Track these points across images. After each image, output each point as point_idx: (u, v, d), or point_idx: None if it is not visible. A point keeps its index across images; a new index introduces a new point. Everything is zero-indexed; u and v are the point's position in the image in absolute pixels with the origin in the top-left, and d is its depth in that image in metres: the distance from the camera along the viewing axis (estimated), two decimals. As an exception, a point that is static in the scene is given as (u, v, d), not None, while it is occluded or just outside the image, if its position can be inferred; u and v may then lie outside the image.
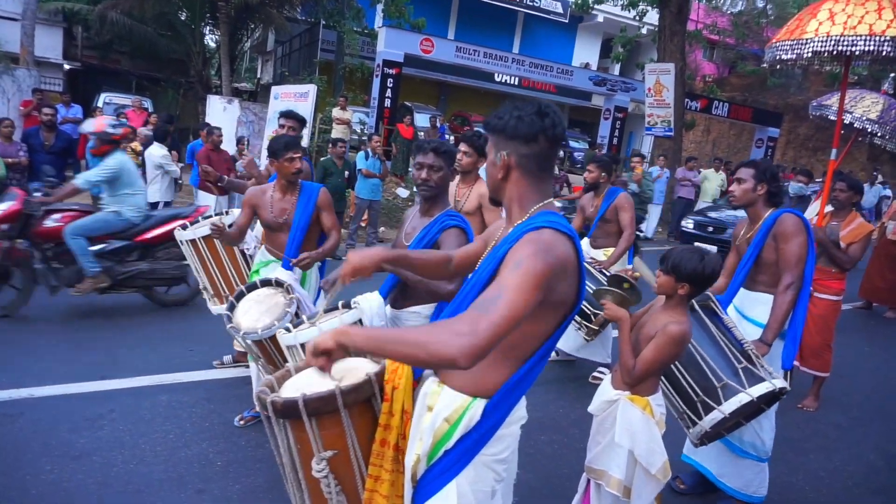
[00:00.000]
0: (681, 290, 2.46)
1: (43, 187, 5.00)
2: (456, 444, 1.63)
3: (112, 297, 5.76)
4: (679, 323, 2.42)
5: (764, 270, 3.20)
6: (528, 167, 1.65)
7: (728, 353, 2.72)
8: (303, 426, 1.68)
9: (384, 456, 1.75)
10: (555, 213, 1.65)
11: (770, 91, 23.53)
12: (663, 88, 14.06)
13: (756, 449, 3.15)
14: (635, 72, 20.82)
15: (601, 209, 4.90)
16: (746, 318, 3.28)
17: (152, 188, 7.48)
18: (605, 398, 2.56)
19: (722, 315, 2.87)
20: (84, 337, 4.82)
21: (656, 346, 2.40)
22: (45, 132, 6.95)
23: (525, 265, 1.46)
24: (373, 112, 14.88)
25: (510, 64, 17.47)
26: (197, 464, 3.26)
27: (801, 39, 4.17)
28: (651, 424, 2.44)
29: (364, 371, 1.80)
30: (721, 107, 18.89)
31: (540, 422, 4.05)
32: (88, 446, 3.31)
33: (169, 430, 3.55)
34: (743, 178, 3.20)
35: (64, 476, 3.03)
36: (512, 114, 1.62)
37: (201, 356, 4.61)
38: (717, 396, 2.60)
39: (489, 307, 1.41)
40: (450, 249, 2.55)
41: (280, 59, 23.86)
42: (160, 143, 7.47)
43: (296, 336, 2.53)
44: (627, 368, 2.45)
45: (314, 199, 3.57)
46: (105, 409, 3.72)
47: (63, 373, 4.13)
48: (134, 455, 3.27)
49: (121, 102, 14.94)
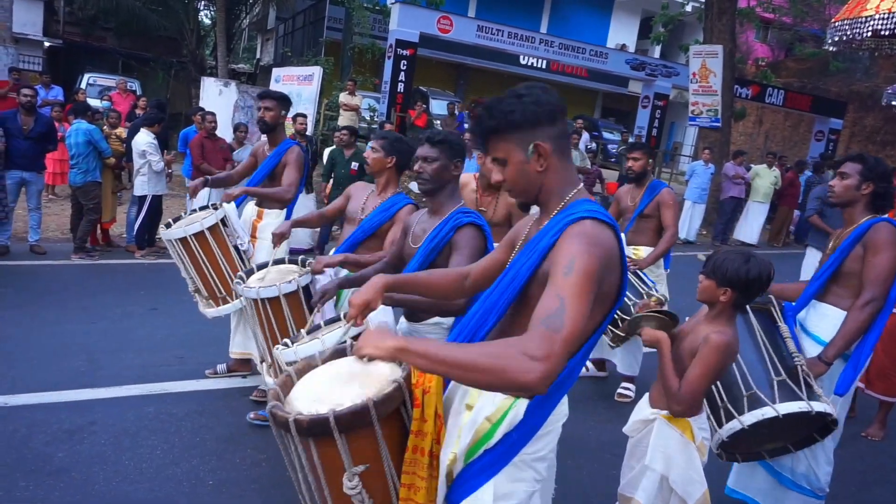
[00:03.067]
0: (723, 297, 2.43)
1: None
2: (497, 443, 1.72)
3: (92, 298, 5.84)
4: (722, 332, 2.39)
5: (843, 282, 3.12)
6: (561, 147, 1.75)
7: (768, 363, 2.71)
8: (332, 443, 1.69)
9: (418, 463, 1.80)
10: (591, 200, 1.74)
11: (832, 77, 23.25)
12: (710, 73, 13.96)
13: (810, 483, 3.10)
14: (678, 55, 20.72)
15: (641, 203, 4.85)
16: (809, 334, 3.20)
17: (138, 180, 7.50)
18: (640, 417, 2.55)
19: (780, 323, 2.84)
20: (62, 341, 4.88)
21: (700, 362, 2.38)
22: (24, 116, 7.04)
23: (578, 265, 1.54)
24: (384, 98, 14.95)
25: (537, 45, 17.45)
26: (186, 483, 3.28)
27: (860, 18, 4.12)
28: (690, 449, 2.42)
29: (385, 376, 1.80)
30: (775, 94, 18.71)
31: (567, 444, 4.03)
32: (67, 461, 3.35)
33: (155, 445, 3.59)
34: (847, 173, 3.12)
35: (40, 493, 3.07)
36: (523, 101, 1.69)
37: (191, 364, 4.65)
38: (741, 405, 2.60)
39: (556, 323, 1.47)
40: (465, 250, 2.58)
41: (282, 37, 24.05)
42: (150, 129, 7.49)
43: (296, 351, 2.55)
44: (672, 393, 2.42)
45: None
46: (85, 420, 3.77)
47: (39, 380, 4.19)
48: (117, 472, 3.30)
49: (106, 84, 15.18)
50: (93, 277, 6.71)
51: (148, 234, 7.71)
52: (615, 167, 17.96)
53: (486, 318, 1.83)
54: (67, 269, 6.87)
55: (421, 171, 2.75)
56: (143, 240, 7.62)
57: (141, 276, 7.00)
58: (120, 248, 7.89)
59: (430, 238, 2.70)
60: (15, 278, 6.30)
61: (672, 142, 25.85)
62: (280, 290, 3.23)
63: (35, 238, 7.25)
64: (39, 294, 5.89)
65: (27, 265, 6.83)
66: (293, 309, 3.27)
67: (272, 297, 3.25)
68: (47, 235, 7.88)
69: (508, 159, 1.74)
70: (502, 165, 1.76)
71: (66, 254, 7.19)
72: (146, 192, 7.52)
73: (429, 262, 2.69)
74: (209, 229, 3.95)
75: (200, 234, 3.96)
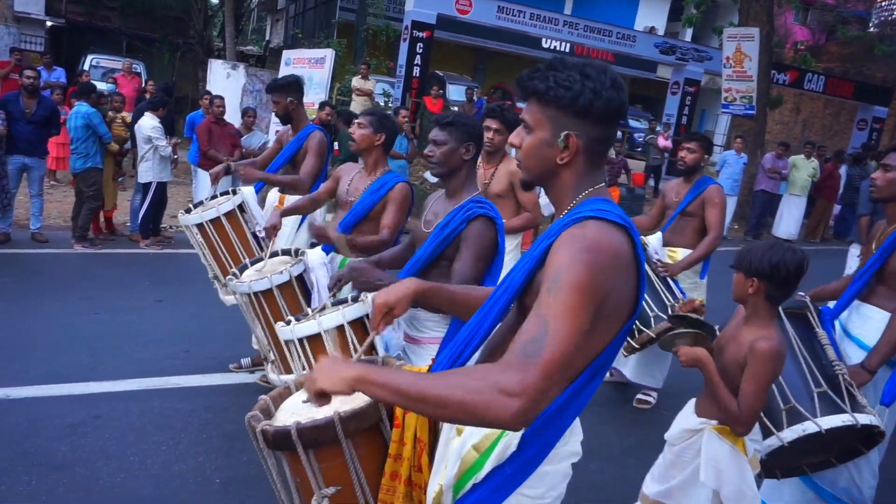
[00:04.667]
0: (750, 289, 2.40)
1: None
2: (486, 477, 1.59)
3: (95, 288, 5.92)
4: (767, 338, 2.34)
5: (888, 281, 3.05)
6: (595, 151, 1.59)
7: (807, 374, 2.67)
8: (298, 459, 1.66)
9: (396, 491, 1.71)
10: (605, 199, 1.58)
11: (877, 62, 22.88)
12: (745, 58, 13.81)
13: (852, 498, 3.05)
14: (711, 38, 20.52)
15: (685, 199, 4.63)
16: (851, 337, 3.15)
17: (143, 166, 7.57)
18: (687, 426, 2.51)
19: (817, 329, 2.81)
20: (64, 333, 4.96)
21: (752, 377, 2.32)
22: (26, 98, 7.13)
23: (565, 278, 1.39)
24: (399, 82, 14.93)
25: (561, 28, 17.35)
26: (192, 480, 3.33)
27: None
28: (742, 462, 2.38)
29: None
30: (815, 80, 18.46)
31: (589, 448, 4.04)
32: (70, 456, 3.41)
33: (161, 442, 3.64)
34: (892, 165, 3.04)
35: (43, 488, 3.13)
36: (585, 84, 1.51)
37: (198, 358, 4.72)
38: (779, 420, 2.56)
39: (535, 350, 1.34)
40: (473, 247, 2.58)
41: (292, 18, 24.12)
42: (154, 113, 7.55)
43: (293, 330, 2.59)
44: (733, 416, 2.35)
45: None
46: (89, 414, 3.83)
47: (42, 372, 4.27)
48: (121, 468, 3.36)
49: (110, 66, 15.31)
50: (96, 267, 6.80)
51: (152, 222, 7.79)
52: (641, 157, 17.84)
53: (474, 334, 1.71)
54: (70, 257, 6.98)
55: (431, 154, 2.76)
56: (147, 229, 7.70)
57: (145, 266, 7.08)
58: (123, 237, 7.99)
59: (441, 227, 2.70)
60: (16, 267, 6.41)
61: (703, 131, 25.65)
62: (272, 282, 3.27)
63: (37, 226, 7.35)
64: (41, 284, 5.99)
65: (29, 253, 6.94)
66: (288, 300, 3.32)
67: (265, 290, 3.29)
68: (49, 223, 7.99)
69: (534, 130, 1.58)
70: (526, 131, 1.61)
71: (68, 242, 7.29)
72: (151, 180, 7.58)
73: (437, 252, 2.68)
74: (226, 215, 4.01)
75: (217, 220, 4.01)
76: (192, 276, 5.96)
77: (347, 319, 2.62)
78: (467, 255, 2.59)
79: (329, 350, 2.61)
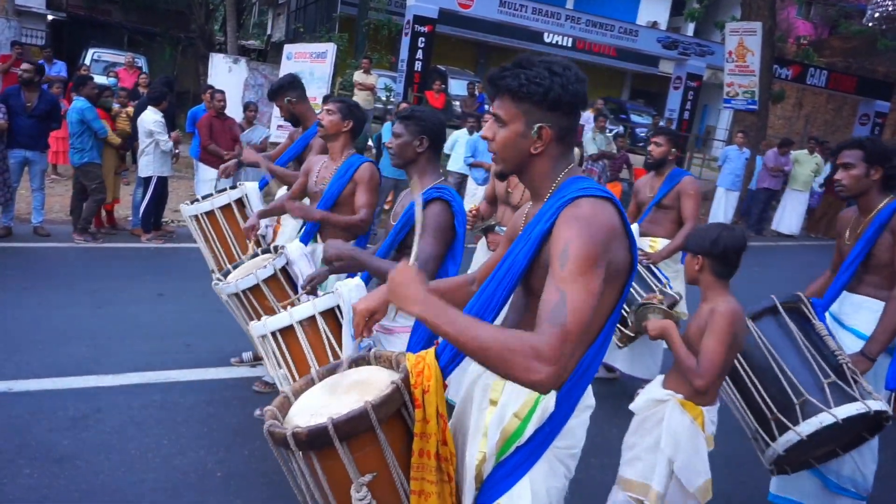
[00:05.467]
0: (696, 266, 2.58)
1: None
2: (529, 439, 1.74)
3: (97, 282, 5.92)
4: (724, 301, 2.51)
5: (874, 271, 3.12)
6: (565, 139, 1.77)
7: (814, 366, 2.69)
8: (334, 454, 1.69)
9: (426, 467, 1.78)
10: (583, 177, 1.77)
11: (880, 56, 22.85)
12: (747, 52, 13.78)
13: (856, 485, 3.09)
14: (713, 32, 20.48)
15: (659, 192, 4.74)
16: (845, 327, 3.22)
17: (144, 160, 7.56)
18: (652, 396, 2.63)
19: (814, 321, 2.83)
20: (66, 326, 4.96)
21: (712, 332, 2.46)
22: (27, 92, 7.12)
23: (573, 250, 1.56)
24: (401, 77, 14.90)
25: (563, 22, 17.30)
26: (193, 474, 3.34)
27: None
28: (699, 437, 2.49)
29: (381, 381, 1.81)
30: (818, 75, 18.42)
31: (591, 443, 4.04)
32: (71, 449, 3.42)
33: (162, 435, 3.65)
34: (850, 163, 3.11)
35: (44, 481, 3.14)
36: (554, 80, 1.68)
37: (200, 352, 4.72)
38: (794, 415, 2.57)
39: (559, 318, 1.50)
40: (429, 228, 2.70)
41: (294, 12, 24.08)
42: (155, 108, 7.55)
43: (265, 324, 2.62)
44: (692, 370, 2.48)
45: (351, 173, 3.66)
46: (91, 407, 3.84)
47: (43, 366, 4.27)
48: (122, 461, 3.37)
49: (111, 60, 15.27)
50: (97, 261, 6.80)
51: (154, 217, 7.79)
52: (643, 152, 17.80)
53: (482, 313, 1.81)
54: (71, 251, 6.98)
55: (390, 145, 2.94)
56: (148, 223, 7.70)
57: (147, 260, 7.09)
58: (125, 231, 7.98)
59: (405, 215, 2.88)
60: (18, 261, 6.41)
61: (705, 125, 25.61)
62: (258, 277, 3.34)
63: (38, 220, 7.35)
64: (43, 277, 5.99)
65: (30, 247, 6.94)
66: (276, 292, 3.38)
67: (252, 286, 3.35)
68: (51, 217, 7.99)
69: (508, 124, 1.74)
70: (499, 125, 1.76)
71: (69, 236, 7.28)
72: (151, 174, 7.58)
73: (400, 238, 2.88)
74: (221, 208, 4.03)
75: (211, 213, 4.03)
76: (193, 271, 5.95)
77: (319, 310, 2.67)
78: (425, 234, 2.71)
79: (301, 342, 2.67)
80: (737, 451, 3.69)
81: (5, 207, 7.07)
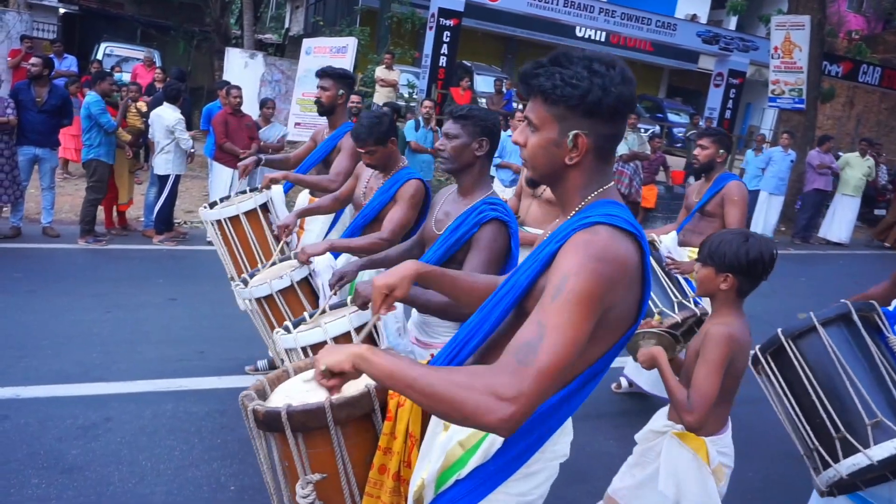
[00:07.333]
0: (723, 284, 2.41)
1: None
2: (469, 474, 1.64)
3: (107, 285, 6.00)
4: (722, 324, 2.38)
5: None
6: (605, 149, 1.60)
7: (889, 383, 2.61)
8: (287, 442, 1.74)
9: (382, 485, 1.76)
10: (615, 202, 1.61)
11: (937, 53, 22.53)
12: (794, 48, 13.64)
13: None
14: (758, 26, 20.24)
15: (704, 197, 4.63)
16: None
17: (160, 159, 7.64)
18: (654, 427, 2.57)
19: (888, 333, 2.76)
20: (75, 331, 5.03)
21: (703, 361, 2.36)
22: (38, 87, 7.23)
23: (571, 285, 1.41)
24: (424, 73, 14.95)
25: (596, 15, 17.25)
26: (206, 487, 3.36)
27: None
28: (704, 473, 2.38)
29: (364, 381, 1.81)
30: (871, 72, 18.18)
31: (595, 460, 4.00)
32: (81, 459, 3.46)
33: (174, 446, 3.68)
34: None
35: (52, 491, 3.18)
36: (593, 81, 1.50)
37: (213, 360, 4.76)
38: (864, 436, 2.50)
39: (530, 356, 1.36)
40: (484, 251, 2.57)
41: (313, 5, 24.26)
42: (172, 104, 7.63)
43: (296, 338, 2.61)
44: (682, 405, 2.36)
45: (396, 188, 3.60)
46: (100, 416, 3.88)
47: (52, 371, 4.33)
48: (133, 472, 3.40)
49: (123, 54, 15.49)
50: (108, 263, 6.89)
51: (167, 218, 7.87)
52: (681, 153, 17.69)
53: (473, 334, 1.74)
54: (81, 253, 7.08)
55: (442, 148, 2.74)
56: (163, 223, 7.79)
57: (159, 263, 7.16)
58: (136, 233, 8.08)
59: (452, 229, 2.69)
60: (27, 262, 6.51)
61: (747, 125, 25.36)
62: (272, 288, 3.35)
63: (48, 220, 7.46)
64: (52, 280, 6.08)
65: (40, 248, 7.05)
66: (291, 304, 3.37)
67: (266, 296, 3.38)
68: (61, 217, 8.12)
69: (540, 129, 1.58)
70: (531, 129, 1.60)
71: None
72: (170, 172, 7.66)
73: (448, 255, 2.68)
74: (246, 213, 4.04)
75: (236, 218, 4.05)
76: (207, 274, 6.01)
77: (355, 326, 2.64)
78: (477, 261, 2.58)
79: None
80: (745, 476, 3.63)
81: (14, 207, 7.19)
